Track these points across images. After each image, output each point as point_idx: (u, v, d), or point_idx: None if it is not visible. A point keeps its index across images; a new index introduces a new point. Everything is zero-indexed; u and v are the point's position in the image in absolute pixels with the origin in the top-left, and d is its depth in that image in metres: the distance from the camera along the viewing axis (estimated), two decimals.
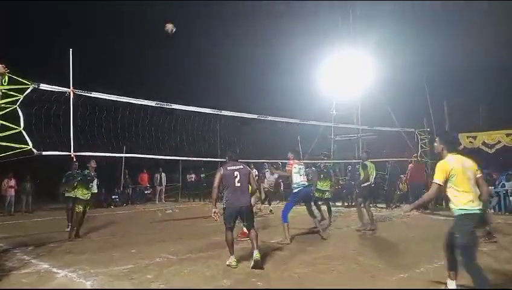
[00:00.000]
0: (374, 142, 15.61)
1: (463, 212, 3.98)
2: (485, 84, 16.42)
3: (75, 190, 8.35)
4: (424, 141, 13.18)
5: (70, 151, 6.46)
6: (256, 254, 5.50)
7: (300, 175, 7.66)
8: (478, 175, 4.10)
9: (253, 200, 8.15)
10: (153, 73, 24.23)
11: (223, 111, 9.34)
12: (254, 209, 8.14)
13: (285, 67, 19.96)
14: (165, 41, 24.14)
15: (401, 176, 13.37)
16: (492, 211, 11.26)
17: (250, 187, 5.86)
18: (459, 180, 4.00)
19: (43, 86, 6.28)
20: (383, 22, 16.74)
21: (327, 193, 9.52)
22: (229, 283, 4.87)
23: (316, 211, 8.50)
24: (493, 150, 12.32)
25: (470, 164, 4.13)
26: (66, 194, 9.30)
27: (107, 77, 20.85)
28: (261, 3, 20.79)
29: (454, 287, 4.28)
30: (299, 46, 19.04)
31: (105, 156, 8.31)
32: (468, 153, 13.54)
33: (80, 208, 8.20)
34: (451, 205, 4.09)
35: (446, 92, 14.68)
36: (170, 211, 13.23)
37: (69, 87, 6.58)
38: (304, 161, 9.06)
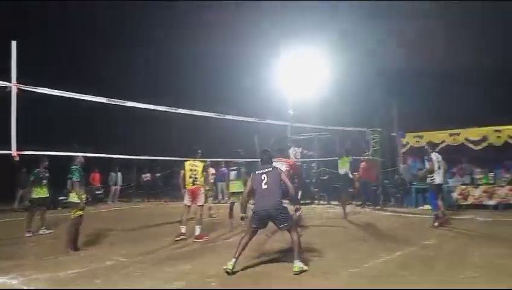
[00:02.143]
0: (328, 141, 16.02)
1: None
2: (432, 86, 17.38)
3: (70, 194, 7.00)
4: (375, 140, 13.70)
5: (12, 150, 6.04)
6: (295, 267, 5.00)
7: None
8: None
9: (203, 199, 8.09)
10: (107, 70, 23.27)
11: (179, 109, 9.15)
12: (206, 208, 8.08)
13: (242, 66, 19.95)
14: (119, 37, 23.42)
15: (354, 173, 13.82)
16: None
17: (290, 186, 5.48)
18: None
19: None
20: (339, 22, 17.23)
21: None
22: (181, 285, 4.78)
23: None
24: (438, 149, 13.02)
25: None
26: (34, 195, 8.92)
27: (58, 72, 19.75)
28: (215, 2, 20.68)
29: None
30: (256, 45, 19.12)
31: (53, 155, 7.85)
32: (414, 152, 14.32)
33: (76, 213, 6.87)
34: None
35: (396, 92, 15.35)
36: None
37: (12, 82, 6.15)
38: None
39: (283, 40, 17.31)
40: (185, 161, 8.32)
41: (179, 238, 7.61)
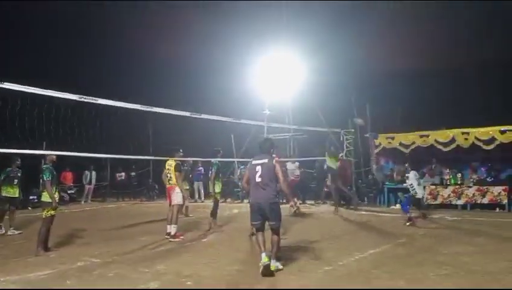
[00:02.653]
0: (304, 142, 16.21)
1: None
2: (403, 88, 17.86)
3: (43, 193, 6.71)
4: (349, 141, 13.97)
5: None
6: (271, 266, 4.98)
7: None
8: None
9: (179, 198, 7.96)
10: (80, 67, 22.67)
11: (154, 108, 9.03)
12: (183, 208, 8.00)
13: (219, 66, 19.89)
14: (95, 34, 22.86)
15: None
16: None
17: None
18: None
19: None
20: (313, 25, 17.44)
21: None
22: (157, 285, 4.73)
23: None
24: (409, 150, 13.45)
25: None
26: (4, 193, 8.72)
27: (28, 68, 19.07)
28: (193, 2, 20.51)
29: None
30: (233, 45, 19.10)
31: (21, 153, 7.58)
32: (386, 152, 14.72)
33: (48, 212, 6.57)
34: None
35: (369, 95, 15.70)
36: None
37: None
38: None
39: (258, 41, 17.37)
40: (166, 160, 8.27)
41: (167, 237, 7.66)
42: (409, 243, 6.96)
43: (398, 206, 12.40)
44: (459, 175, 12.38)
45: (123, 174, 18.44)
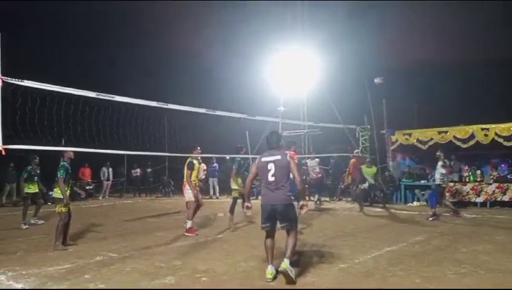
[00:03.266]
0: (319, 138, 16.11)
1: None
2: (420, 84, 17.57)
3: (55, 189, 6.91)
4: (364, 137, 13.82)
5: None
6: (283, 263, 4.51)
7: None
8: None
9: (189, 194, 7.91)
10: (96, 64, 23.05)
11: (169, 104, 9.10)
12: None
13: (234, 63, 19.93)
14: (109, 32, 23.18)
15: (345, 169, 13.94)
16: (425, 203, 12.13)
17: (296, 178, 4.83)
18: None
19: None
20: (330, 21, 17.28)
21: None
22: (173, 280, 4.78)
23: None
24: (426, 147, 13.22)
25: None
26: (26, 190, 9.36)
27: (44, 66, 19.49)
28: (208, 2, 20.60)
29: None
30: (248, 42, 19.10)
31: (42, 150, 7.75)
32: (403, 149, 14.51)
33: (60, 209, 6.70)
34: None
35: (385, 91, 15.49)
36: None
37: None
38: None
39: (274, 37, 17.31)
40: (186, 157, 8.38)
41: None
42: (426, 241, 6.85)
43: (415, 203, 12.24)
44: (478, 172, 12.13)
45: (138, 170, 18.70)
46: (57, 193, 6.77)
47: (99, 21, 22.08)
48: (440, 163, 9.61)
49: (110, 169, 17.69)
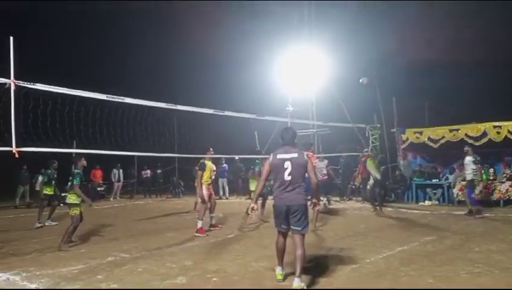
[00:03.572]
0: (328, 138, 16.03)
1: None
2: (431, 82, 17.39)
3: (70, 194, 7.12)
4: (374, 136, 13.71)
5: (11, 147, 6.04)
6: (296, 285, 4.20)
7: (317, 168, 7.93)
8: None
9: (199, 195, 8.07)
10: (106, 67, 23.29)
11: (178, 105, 9.15)
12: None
13: (242, 63, 19.95)
14: (118, 34, 23.40)
15: (355, 168, 13.85)
16: (436, 202, 12.00)
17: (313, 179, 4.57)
18: None
19: None
20: (338, 19, 17.19)
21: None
22: (184, 280, 4.80)
23: None
24: (438, 145, 13.07)
25: None
26: (44, 192, 9.92)
27: (55, 69, 19.75)
28: (217, 1, 20.66)
29: None
30: (256, 42, 19.10)
31: (53, 152, 7.87)
32: (414, 147, 14.27)
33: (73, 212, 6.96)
34: None
35: (395, 89, 15.36)
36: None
37: (10, 78, 6.14)
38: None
39: (282, 36, 17.28)
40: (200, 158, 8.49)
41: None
42: (438, 241, 6.77)
43: (427, 202, 12.11)
44: (491, 170, 11.95)
45: (148, 171, 18.83)
46: (70, 198, 7.00)
47: (108, 22, 22.27)
48: (469, 158, 9.54)
49: (121, 170, 17.86)
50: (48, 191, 9.97)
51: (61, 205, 11.45)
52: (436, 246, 6.33)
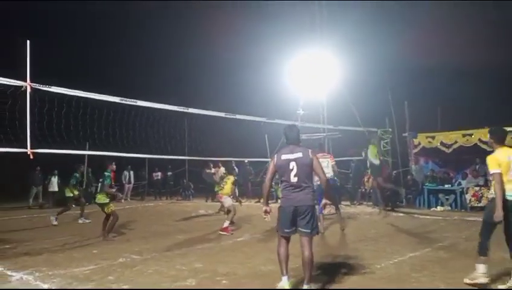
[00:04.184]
0: (339, 141, 15.95)
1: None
2: (443, 86, 17.19)
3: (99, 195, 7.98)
4: (386, 141, 13.61)
5: (26, 148, 6.16)
6: (286, 284, 4.21)
7: (327, 168, 7.96)
8: None
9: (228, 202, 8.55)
10: (119, 70, 23.59)
11: (190, 108, 9.23)
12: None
13: (253, 66, 20.01)
14: (131, 37, 23.68)
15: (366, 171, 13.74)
16: (449, 208, 11.84)
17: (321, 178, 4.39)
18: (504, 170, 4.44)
19: None
20: (349, 22, 17.13)
21: None
22: (194, 283, 4.82)
23: None
24: (450, 150, 12.91)
25: None
26: (70, 194, 10.55)
27: (69, 71, 20.07)
28: (227, 2, 20.77)
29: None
30: (267, 45, 19.15)
31: (66, 153, 8.00)
32: (426, 152, 14.02)
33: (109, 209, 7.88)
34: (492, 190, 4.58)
35: (407, 93, 15.22)
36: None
37: (26, 81, 6.27)
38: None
39: (293, 39, 17.29)
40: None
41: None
42: (451, 247, 6.67)
43: (439, 208, 11.96)
44: None
45: (159, 173, 18.95)
46: (100, 199, 7.82)
47: (120, 25, 22.54)
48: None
49: (132, 172, 18.01)
50: (75, 193, 10.60)
51: (87, 204, 11.74)
52: (449, 253, 6.24)
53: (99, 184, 8.05)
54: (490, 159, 4.58)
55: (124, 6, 21.01)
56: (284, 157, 4.32)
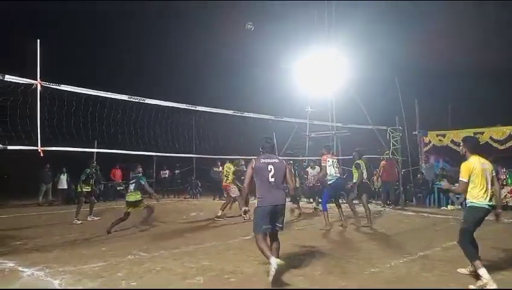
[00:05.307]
0: (348, 140, 15.85)
1: (473, 205, 4.68)
2: (454, 84, 16.98)
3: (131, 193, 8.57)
4: (395, 139, 13.46)
5: (37, 146, 6.21)
6: (276, 263, 4.56)
7: (335, 167, 8.43)
8: (493, 174, 4.74)
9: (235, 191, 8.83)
10: (127, 68, 23.73)
11: (198, 107, 9.23)
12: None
13: (261, 64, 19.97)
14: (139, 36, 23.79)
15: (375, 170, 13.63)
16: (459, 207, 11.69)
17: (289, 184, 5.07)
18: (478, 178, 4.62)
19: (9, 78, 6.00)
20: (358, 21, 17.00)
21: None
22: (202, 280, 4.82)
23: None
24: (461, 148, 12.72)
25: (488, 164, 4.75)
26: (84, 190, 10.49)
27: (78, 70, 20.24)
28: (236, 2, 20.75)
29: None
30: (275, 44, 19.09)
31: (75, 151, 8.06)
32: (437, 150, 13.85)
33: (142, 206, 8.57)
34: (467, 197, 4.69)
35: (417, 91, 15.07)
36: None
37: (36, 79, 6.32)
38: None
39: (302, 37, 17.21)
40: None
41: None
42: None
43: (449, 207, 11.83)
44: None
45: (167, 172, 19.00)
46: (130, 197, 8.44)
47: (128, 24, 22.67)
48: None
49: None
50: (87, 188, 10.53)
51: (95, 201, 11.83)
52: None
53: (132, 184, 8.56)
54: (464, 167, 4.75)
55: (133, 6, 21.13)
56: (262, 161, 4.92)
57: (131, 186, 8.57)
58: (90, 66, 22.11)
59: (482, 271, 4.41)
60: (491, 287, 4.30)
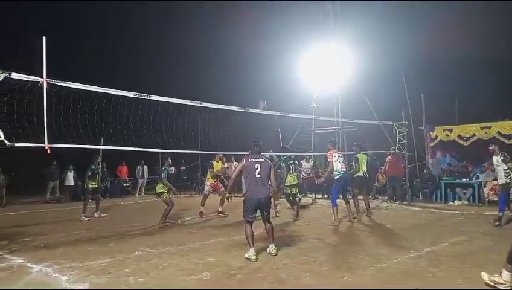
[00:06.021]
0: (353, 135, 15.77)
1: None
2: (460, 78, 16.82)
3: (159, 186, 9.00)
4: (402, 134, 13.37)
5: (44, 143, 6.24)
6: (272, 249, 5.80)
7: (341, 162, 8.55)
8: None
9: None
10: (132, 65, 23.76)
11: (203, 103, 9.21)
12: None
13: (267, 60, 19.91)
14: (143, 33, 23.82)
15: (381, 166, 13.57)
16: (466, 202, 11.62)
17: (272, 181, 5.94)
18: None
19: (15, 75, 6.02)
20: (363, 16, 16.88)
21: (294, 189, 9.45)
22: (209, 276, 4.84)
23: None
24: (468, 143, 12.64)
25: None
26: (90, 186, 10.37)
27: (84, 67, 20.33)
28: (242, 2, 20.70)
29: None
30: (280, 39, 19.02)
31: (81, 148, 8.10)
32: (443, 145, 13.73)
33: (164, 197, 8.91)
34: None
35: (423, 86, 14.94)
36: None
37: (43, 77, 6.34)
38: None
39: (307, 32, 17.12)
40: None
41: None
42: (468, 242, 6.55)
43: (456, 202, 11.75)
44: None
45: (173, 168, 19.03)
46: (159, 188, 8.88)
47: (131, 22, 22.70)
48: (497, 158, 8.07)
49: (145, 167, 18.15)
50: (93, 184, 10.46)
51: (102, 198, 11.90)
52: (466, 247, 6.13)
53: (161, 175, 9.07)
54: None
55: (138, 4, 21.15)
56: (251, 160, 5.87)
57: (159, 178, 9.18)
58: (95, 64, 22.19)
59: (506, 274, 4.22)
60: (504, 288, 4.23)
